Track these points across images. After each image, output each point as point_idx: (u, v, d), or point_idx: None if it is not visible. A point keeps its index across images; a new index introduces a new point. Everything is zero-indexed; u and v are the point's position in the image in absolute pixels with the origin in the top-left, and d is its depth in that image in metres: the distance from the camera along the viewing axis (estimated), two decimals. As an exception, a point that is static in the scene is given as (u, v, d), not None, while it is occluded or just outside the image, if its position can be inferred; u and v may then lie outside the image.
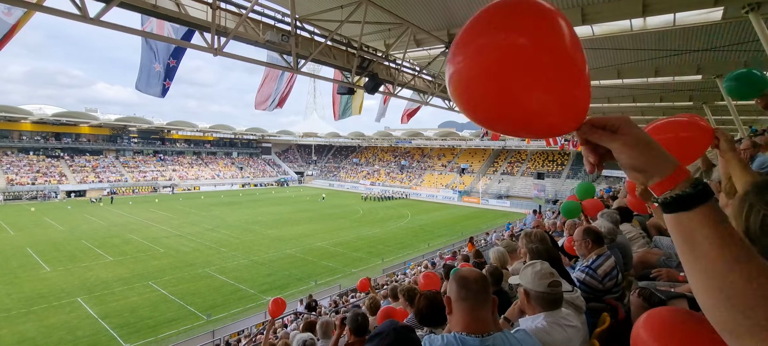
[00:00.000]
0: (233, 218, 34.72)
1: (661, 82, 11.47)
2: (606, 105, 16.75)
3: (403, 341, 1.03)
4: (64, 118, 52.57)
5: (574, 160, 50.96)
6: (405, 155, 69.14)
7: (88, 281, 17.69)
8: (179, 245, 24.49)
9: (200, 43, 5.96)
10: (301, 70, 7.32)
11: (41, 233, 27.53)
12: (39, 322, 13.67)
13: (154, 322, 13.91)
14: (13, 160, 49.15)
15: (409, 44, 8.40)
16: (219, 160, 68.73)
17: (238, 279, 18.41)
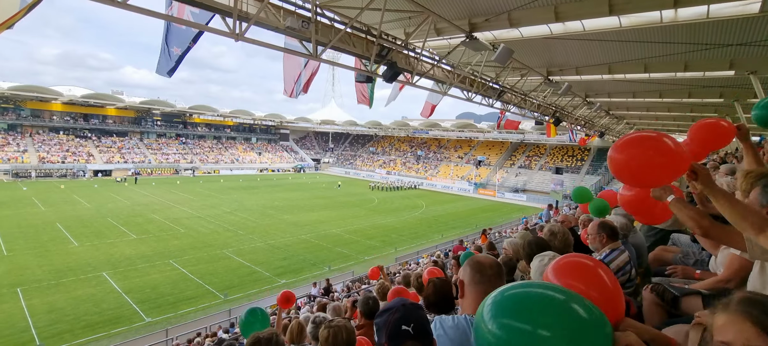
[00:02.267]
0: (251, 202, 35.46)
1: (690, 77, 11.00)
2: (631, 99, 16.22)
3: (412, 316, 1.07)
4: (91, 99, 54.43)
5: (594, 155, 49.68)
6: (421, 146, 68.81)
7: (113, 257, 18.49)
8: (199, 226, 25.24)
9: (222, 29, 6.06)
10: (321, 57, 7.36)
11: (70, 209, 28.81)
12: (67, 293, 14.41)
13: (174, 298, 14.47)
14: (45, 139, 51.34)
15: (430, 33, 8.30)
16: (238, 145, 70.01)
17: (254, 261, 18.89)
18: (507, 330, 0.92)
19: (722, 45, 8.41)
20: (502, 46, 8.15)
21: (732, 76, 9.92)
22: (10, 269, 16.42)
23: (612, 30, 7.85)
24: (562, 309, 0.92)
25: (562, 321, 0.90)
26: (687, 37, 8.23)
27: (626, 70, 10.90)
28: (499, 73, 12.00)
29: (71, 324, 12.33)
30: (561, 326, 0.89)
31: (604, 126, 24.54)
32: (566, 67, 11.49)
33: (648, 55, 9.76)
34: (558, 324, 0.89)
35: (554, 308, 0.92)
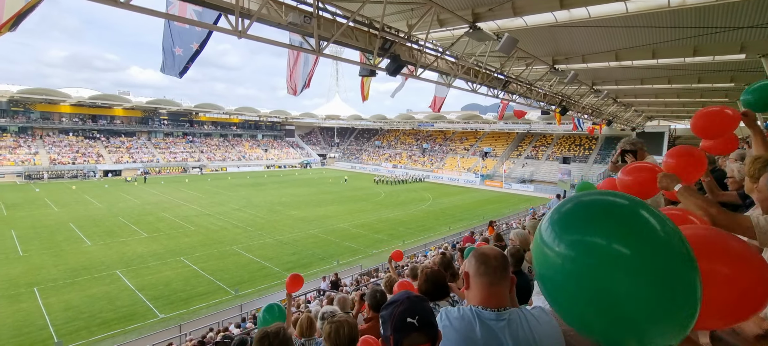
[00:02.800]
0: (259, 198, 35.74)
1: (700, 61, 10.79)
2: (639, 86, 15.98)
3: (417, 308, 1.09)
4: (99, 100, 55.06)
5: (602, 145, 49.13)
6: (427, 138, 68.59)
7: (125, 256, 18.81)
8: (208, 224, 25.54)
9: (225, 26, 6.08)
10: (324, 52, 7.36)
11: (82, 209, 29.31)
12: (82, 291, 14.72)
13: (187, 295, 14.71)
14: (55, 140, 52.13)
15: (432, 25, 8.24)
16: (244, 142, 70.43)
17: (263, 257, 19.08)
18: (578, 248, 0.85)
19: (733, 28, 8.23)
20: (507, 35, 8.06)
21: (743, 59, 9.71)
22: (26, 269, 16.80)
23: (618, 16, 7.72)
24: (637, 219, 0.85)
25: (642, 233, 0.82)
26: (696, 20, 8.06)
27: (634, 56, 10.73)
28: (504, 63, 11.89)
29: (87, 321, 12.61)
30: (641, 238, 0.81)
31: (612, 114, 24.22)
32: (572, 55, 11.34)
33: (656, 40, 9.60)
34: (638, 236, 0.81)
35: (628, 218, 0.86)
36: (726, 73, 13.00)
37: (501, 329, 1.23)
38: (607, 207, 0.91)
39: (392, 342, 1.06)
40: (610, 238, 0.84)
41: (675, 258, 0.83)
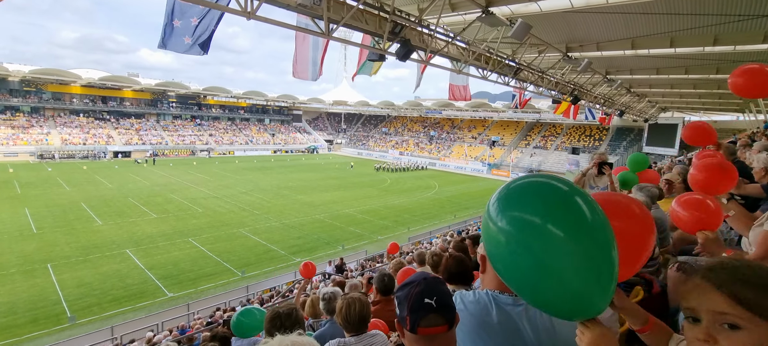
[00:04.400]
0: (265, 182, 35.98)
1: (720, 51, 10.45)
2: (654, 76, 15.59)
3: (435, 289, 1.06)
4: (109, 82, 55.42)
5: (613, 135, 48.41)
6: (434, 126, 68.15)
7: (135, 235, 19.15)
8: (216, 206, 25.82)
9: (234, 7, 6.01)
10: (333, 35, 7.26)
11: (93, 189, 29.79)
12: (94, 269, 15.05)
13: (194, 275, 14.96)
14: (66, 121, 52.77)
15: (444, 9, 8.07)
16: (252, 126, 70.63)
17: (269, 240, 19.29)
18: (515, 223, 0.97)
19: (756, 16, 7.94)
20: (520, 21, 7.88)
21: (765, 49, 9.40)
22: (40, 246, 17.19)
23: (637, 2, 7.48)
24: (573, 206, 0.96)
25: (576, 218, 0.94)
26: (718, 8, 7.79)
27: (651, 44, 10.44)
28: (516, 49, 11.65)
29: (99, 298, 12.93)
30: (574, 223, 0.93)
31: (625, 104, 23.76)
32: (586, 42, 11.07)
33: (675, 28, 9.31)
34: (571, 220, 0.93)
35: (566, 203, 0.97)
36: (746, 64, 12.60)
37: (518, 314, 1.21)
38: (545, 189, 1.01)
39: (408, 323, 1.04)
40: (545, 217, 0.94)
41: (601, 243, 0.95)
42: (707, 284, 0.77)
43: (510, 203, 1.02)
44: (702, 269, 0.81)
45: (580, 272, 0.92)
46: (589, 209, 0.96)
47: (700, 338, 0.78)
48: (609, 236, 0.96)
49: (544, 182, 1.03)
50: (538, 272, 0.95)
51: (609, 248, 0.95)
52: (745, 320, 0.72)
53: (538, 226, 0.94)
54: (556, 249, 0.92)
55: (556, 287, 0.94)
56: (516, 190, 1.04)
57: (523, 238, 0.96)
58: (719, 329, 0.75)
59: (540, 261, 0.94)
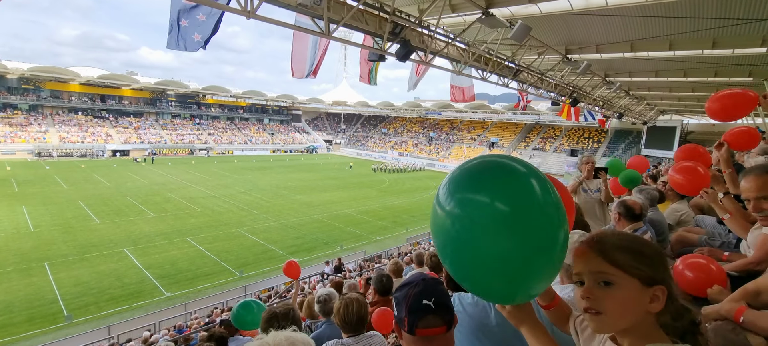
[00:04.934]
0: (264, 182, 35.93)
1: (718, 54, 10.47)
2: (653, 79, 15.63)
3: (433, 290, 1.05)
4: (108, 80, 55.30)
5: (612, 137, 48.51)
6: (434, 127, 68.18)
7: (133, 234, 19.09)
8: (214, 206, 25.77)
9: (234, 6, 5.99)
10: (333, 35, 7.25)
11: (91, 188, 29.70)
12: (91, 268, 15.00)
13: (192, 275, 14.92)
14: (65, 119, 52.62)
15: (444, 10, 8.07)
16: (251, 126, 70.55)
17: (268, 240, 19.26)
18: (465, 205, 0.93)
19: (755, 20, 7.97)
20: (520, 22, 7.88)
21: (763, 53, 9.42)
22: (37, 244, 17.13)
23: (637, 5, 7.49)
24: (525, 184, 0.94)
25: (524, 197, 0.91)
26: (717, 11, 7.80)
27: (650, 47, 10.46)
28: (516, 51, 11.66)
29: (96, 297, 12.88)
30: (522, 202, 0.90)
31: (623, 107, 23.81)
32: (586, 44, 11.08)
33: (674, 31, 9.33)
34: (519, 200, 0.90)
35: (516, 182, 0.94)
36: (745, 68, 12.64)
37: (517, 316, 1.20)
38: (495, 169, 0.99)
39: (406, 324, 1.03)
40: (494, 197, 0.92)
41: (551, 223, 0.94)
42: (588, 250, 0.94)
43: (460, 185, 0.99)
44: (587, 240, 0.96)
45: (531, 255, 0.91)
46: (540, 188, 0.95)
47: (584, 296, 0.92)
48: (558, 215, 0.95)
49: (495, 162, 1.01)
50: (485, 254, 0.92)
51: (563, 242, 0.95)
52: (616, 276, 0.88)
53: (486, 205, 0.91)
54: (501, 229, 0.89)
55: (503, 269, 0.92)
56: (467, 171, 1.02)
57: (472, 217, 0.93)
58: (597, 286, 0.90)
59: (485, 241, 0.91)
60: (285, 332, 0.93)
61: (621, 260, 0.88)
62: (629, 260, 0.88)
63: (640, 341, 0.89)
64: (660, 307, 0.87)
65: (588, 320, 0.94)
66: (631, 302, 0.87)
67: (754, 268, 1.84)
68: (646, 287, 0.87)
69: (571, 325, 1.16)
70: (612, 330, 0.93)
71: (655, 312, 0.88)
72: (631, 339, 0.91)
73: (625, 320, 0.88)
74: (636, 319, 0.88)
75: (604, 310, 0.89)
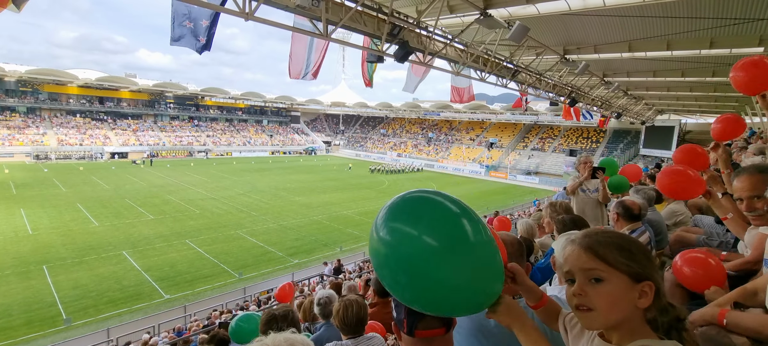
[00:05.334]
0: (263, 183, 35.90)
1: (716, 54, 10.52)
2: (651, 79, 15.68)
3: None
4: (106, 82, 55.23)
5: (610, 137, 48.61)
6: (433, 127, 68.22)
7: (131, 237, 19.05)
8: (213, 207, 25.73)
9: (232, 8, 6.00)
10: (331, 36, 7.26)
11: (89, 190, 29.64)
12: (90, 271, 14.96)
13: (191, 277, 14.90)
14: (63, 121, 52.51)
15: (442, 11, 8.09)
16: (250, 127, 70.49)
17: (267, 242, 19.24)
18: (394, 233, 0.99)
19: (752, 19, 8.01)
20: (518, 23, 7.90)
21: (761, 52, 9.46)
22: (36, 247, 17.08)
23: (634, 5, 7.52)
24: (453, 221, 0.97)
25: (452, 232, 0.94)
26: (714, 11, 7.84)
27: (648, 47, 10.50)
28: (514, 52, 11.69)
29: (95, 299, 12.84)
30: (449, 236, 0.93)
31: (622, 107, 23.86)
32: (584, 45, 11.12)
33: (672, 31, 9.37)
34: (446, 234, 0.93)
35: (447, 218, 0.97)
36: (741, 67, 12.67)
37: (515, 317, 1.20)
38: (425, 203, 1.05)
39: (406, 325, 1.04)
40: (423, 230, 0.95)
41: (483, 267, 0.97)
42: (578, 248, 0.96)
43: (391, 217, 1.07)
44: (577, 239, 0.98)
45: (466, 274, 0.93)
46: (467, 221, 0.99)
47: (575, 293, 0.94)
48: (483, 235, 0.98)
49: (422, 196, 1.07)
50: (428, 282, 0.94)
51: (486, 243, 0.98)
52: (605, 273, 0.91)
53: (414, 237, 0.95)
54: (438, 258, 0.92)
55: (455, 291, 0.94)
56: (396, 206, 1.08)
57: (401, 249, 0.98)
58: (588, 283, 0.92)
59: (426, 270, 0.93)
60: (284, 333, 0.93)
61: (610, 256, 0.91)
62: (618, 257, 0.91)
63: (628, 336, 0.91)
64: (648, 302, 0.90)
65: (579, 317, 0.96)
66: (621, 297, 0.89)
67: (751, 267, 1.85)
68: (634, 283, 0.90)
69: (560, 323, 1.17)
70: (602, 326, 0.95)
71: (643, 308, 0.91)
72: (619, 335, 0.93)
73: (614, 315, 0.91)
74: (625, 314, 0.91)
75: (594, 306, 0.91)
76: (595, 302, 0.91)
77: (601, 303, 0.90)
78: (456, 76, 12.72)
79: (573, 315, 1.15)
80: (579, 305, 0.94)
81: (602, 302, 0.90)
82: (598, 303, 0.90)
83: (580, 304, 0.93)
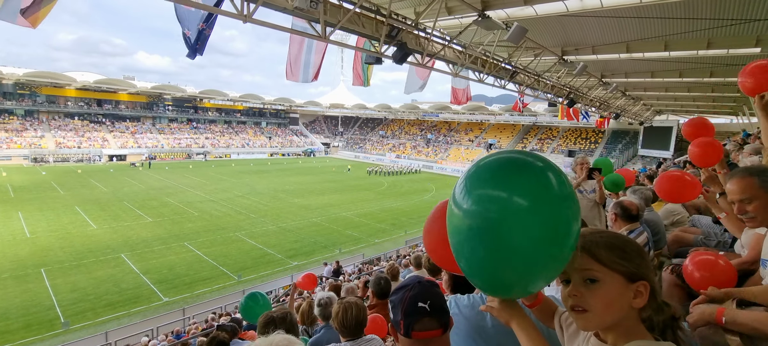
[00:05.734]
0: (262, 185, 35.86)
1: (713, 55, 10.56)
2: (649, 80, 15.71)
3: (428, 293, 1.05)
4: (104, 85, 55.18)
5: (609, 138, 48.70)
6: (432, 129, 68.27)
7: (130, 239, 19.00)
8: (212, 210, 25.69)
9: (230, 10, 6.00)
10: (330, 38, 7.27)
11: (88, 193, 29.56)
12: (88, 274, 14.91)
13: (190, 279, 14.86)
14: (61, 124, 52.40)
15: (440, 12, 8.10)
16: (248, 129, 70.44)
17: (266, 244, 19.21)
18: (482, 201, 0.91)
19: (749, 20, 8.03)
20: (516, 24, 7.92)
21: (758, 53, 9.50)
22: (33, 250, 17.02)
23: (631, 6, 7.54)
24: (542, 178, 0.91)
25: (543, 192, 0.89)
26: (711, 12, 7.86)
27: (645, 48, 10.52)
28: (512, 53, 11.71)
29: (93, 303, 12.80)
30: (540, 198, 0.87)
31: (620, 107, 23.92)
32: (582, 46, 11.14)
33: (669, 32, 9.40)
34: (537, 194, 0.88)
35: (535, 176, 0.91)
36: (739, 68, 12.63)
37: (513, 318, 1.20)
38: (511, 164, 0.96)
39: (402, 327, 1.03)
40: (511, 191, 0.90)
41: (565, 212, 0.91)
42: (575, 249, 0.93)
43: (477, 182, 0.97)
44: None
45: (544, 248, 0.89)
46: (557, 181, 0.92)
47: (571, 294, 0.93)
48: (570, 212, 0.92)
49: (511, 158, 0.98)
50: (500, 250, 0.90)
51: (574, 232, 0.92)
52: (600, 273, 0.90)
53: (503, 199, 0.89)
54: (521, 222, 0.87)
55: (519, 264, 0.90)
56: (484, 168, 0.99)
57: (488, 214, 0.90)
58: (583, 284, 0.92)
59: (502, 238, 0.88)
60: (282, 334, 0.93)
61: (604, 256, 0.91)
62: (612, 257, 0.90)
63: (623, 337, 0.91)
64: (643, 302, 0.89)
65: (574, 317, 0.95)
66: (616, 298, 0.89)
67: (748, 267, 1.86)
68: (629, 283, 0.89)
69: (556, 321, 1.17)
70: (597, 327, 0.95)
71: (639, 308, 0.90)
72: (615, 335, 0.93)
73: (610, 316, 0.90)
74: (620, 315, 0.90)
75: (589, 307, 0.90)
76: (591, 302, 0.90)
77: (596, 304, 0.90)
78: (455, 78, 12.73)
79: (569, 314, 1.15)
80: (574, 306, 0.93)
81: (597, 303, 0.90)
82: (594, 304, 0.90)
83: (576, 305, 0.92)
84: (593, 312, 0.90)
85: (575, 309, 0.93)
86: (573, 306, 0.93)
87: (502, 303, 1.04)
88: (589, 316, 0.91)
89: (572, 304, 0.93)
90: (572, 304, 0.93)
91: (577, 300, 0.92)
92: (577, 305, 0.92)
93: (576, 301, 0.92)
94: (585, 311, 0.91)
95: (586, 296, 0.91)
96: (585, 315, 0.92)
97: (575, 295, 0.92)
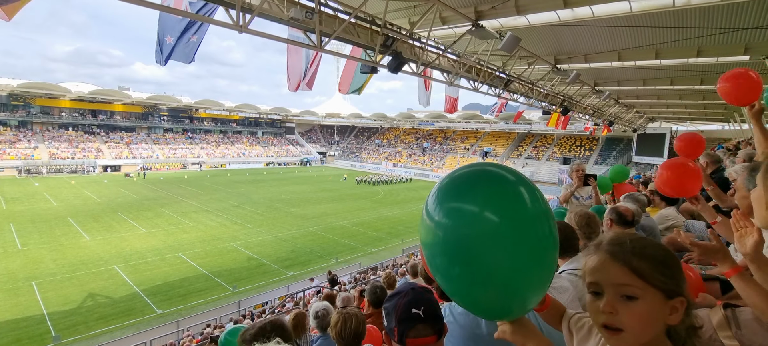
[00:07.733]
0: (258, 195, 35.69)
1: (703, 63, 10.72)
2: (641, 87, 15.92)
3: (422, 299, 1.05)
4: (99, 95, 55.00)
5: (603, 145, 49.11)
6: (427, 137, 68.52)
7: (123, 251, 18.77)
8: (207, 220, 25.49)
9: (226, 20, 6.03)
10: (325, 48, 7.31)
11: (81, 204, 29.25)
12: (81, 286, 14.67)
13: (185, 291, 14.67)
14: (55, 135, 52.03)
15: (435, 22, 8.18)
16: (244, 139, 70.33)
17: (262, 254, 19.04)
18: (453, 214, 0.89)
19: (737, 29, 8.19)
20: (509, 34, 8.02)
21: (747, 61, 9.66)
22: (25, 263, 16.75)
23: (622, 15, 7.66)
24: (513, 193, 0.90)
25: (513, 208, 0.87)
26: (700, 21, 8.01)
27: (637, 56, 10.67)
28: (506, 62, 11.83)
29: (85, 316, 12.58)
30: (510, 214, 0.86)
31: (614, 115, 24.18)
32: (575, 54, 11.29)
33: (659, 40, 9.56)
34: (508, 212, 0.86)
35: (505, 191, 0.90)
36: (728, 75, 12.92)
37: (508, 324, 1.19)
38: (481, 178, 0.95)
39: (396, 334, 1.02)
40: (483, 206, 0.87)
41: (542, 230, 0.89)
42: (608, 258, 0.84)
43: (449, 194, 0.95)
44: (605, 245, 0.87)
45: (522, 265, 0.87)
46: (529, 197, 0.90)
47: (605, 310, 0.83)
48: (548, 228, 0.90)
49: (484, 171, 0.97)
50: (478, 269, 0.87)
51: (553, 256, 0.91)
52: (640, 290, 0.80)
53: (476, 215, 0.87)
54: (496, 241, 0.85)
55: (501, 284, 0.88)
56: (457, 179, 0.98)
57: (461, 230, 0.88)
58: (619, 300, 0.82)
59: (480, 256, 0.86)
60: (271, 343, 0.92)
61: (647, 271, 0.81)
62: (654, 272, 0.80)
63: None
64: (678, 319, 0.81)
65: (606, 336, 0.86)
66: (654, 316, 0.81)
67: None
68: (667, 300, 0.81)
69: (564, 324, 1.12)
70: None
71: (672, 324, 0.82)
72: None
73: (646, 336, 0.81)
74: (656, 333, 0.82)
75: (625, 326, 0.81)
76: (627, 321, 0.81)
77: (633, 323, 0.80)
78: (449, 86, 12.84)
79: (579, 317, 1.08)
80: (607, 325, 0.83)
81: (635, 323, 0.80)
82: (631, 323, 0.81)
83: (609, 323, 0.83)
84: (630, 332, 0.81)
85: (608, 327, 0.83)
86: (606, 324, 0.83)
87: (513, 326, 0.96)
88: (624, 336, 0.82)
89: (605, 322, 0.83)
90: (605, 322, 0.83)
91: (611, 319, 0.82)
92: (610, 324, 0.82)
93: (610, 319, 0.82)
94: (620, 331, 0.82)
95: (622, 314, 0.81)
96: (619, 336, 0.82)
97: (609, 312, 0.82)
